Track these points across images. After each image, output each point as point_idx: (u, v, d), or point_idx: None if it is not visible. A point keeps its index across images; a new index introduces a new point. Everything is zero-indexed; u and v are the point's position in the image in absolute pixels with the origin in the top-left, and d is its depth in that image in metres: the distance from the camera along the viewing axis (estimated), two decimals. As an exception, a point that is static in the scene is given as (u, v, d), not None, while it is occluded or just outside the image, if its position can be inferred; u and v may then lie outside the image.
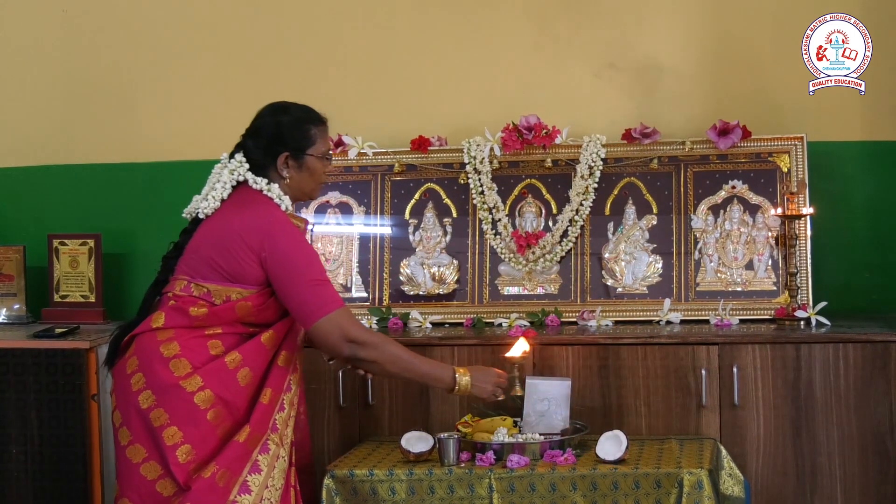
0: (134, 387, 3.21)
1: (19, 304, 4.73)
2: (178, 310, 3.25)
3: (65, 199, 4.92)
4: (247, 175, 3.38)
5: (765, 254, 4.25)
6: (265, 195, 3.36)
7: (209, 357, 3.22)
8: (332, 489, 3.54)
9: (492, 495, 3.47)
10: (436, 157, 4.52)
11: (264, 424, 3.24)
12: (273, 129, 3.41)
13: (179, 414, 3.15)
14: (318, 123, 3.48)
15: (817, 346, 3.82)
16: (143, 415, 3.17)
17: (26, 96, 4.96)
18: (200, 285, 3.27)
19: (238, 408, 3.22)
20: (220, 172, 3.41)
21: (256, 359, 3.27)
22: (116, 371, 3.30)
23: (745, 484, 3.75)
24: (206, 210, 3.36)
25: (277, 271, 3.26)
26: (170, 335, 3.23)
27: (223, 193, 3.36)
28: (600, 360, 3.92)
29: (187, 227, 3.40)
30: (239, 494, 3.15)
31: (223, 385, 3.19)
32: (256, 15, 4.81)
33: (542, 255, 4.35)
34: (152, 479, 3.15)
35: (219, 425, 3.18)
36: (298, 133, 3.42)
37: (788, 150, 4.29)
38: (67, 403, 4.17)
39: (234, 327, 3.28)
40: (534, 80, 4.61)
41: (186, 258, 3.33)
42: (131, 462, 3.17)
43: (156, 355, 3.21)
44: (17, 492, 4.21)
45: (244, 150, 3.43)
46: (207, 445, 3.16)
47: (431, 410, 4.00)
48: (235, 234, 3.27)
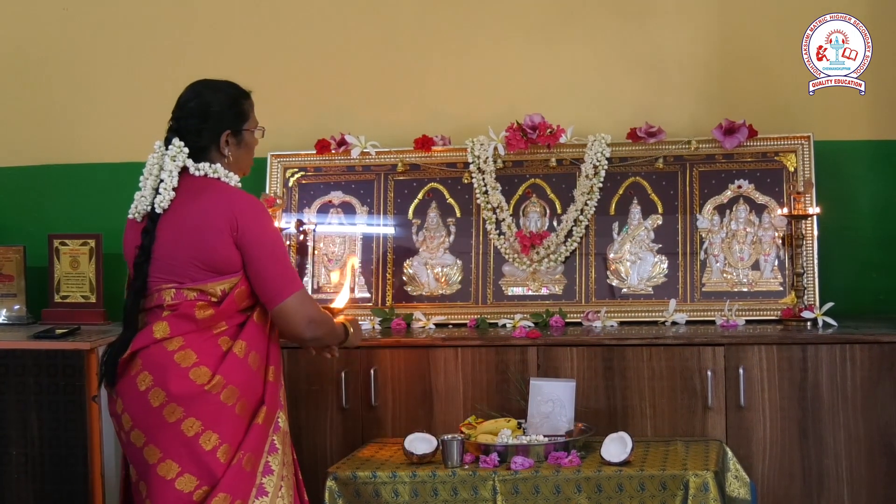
0: (154, 402, 3.16)
1: (19, 304, 4.73)
2: (182, 316, 3.21)
3: (65, 199, 4.91)
4: (187, 162, 3.29)
5: (771, 254, 4.25)
6: (212, 178, 3.30)
7: (222, 354, 3.22)
8: (334, 491, 3.54)
9: (495, 497, 3.47)
10: (439, 157, 4.52)
11: (275, 401, 3.29)
12: (209, 108, 3.33)
13: (211, 417, 3.15)
14: (247, 97, 3.44)
15: (824, 347, 3.82)
16: (172, 428, 3.14)
17: (26, 95, 4.95)
18: (192, 288, 3.22)
19: (256, 392, 3.24)
20: (162, 161, 3.30)
21: (257, 340, 3.27)
22: (124, 389, 3.23)
23: (751, 486, 3.74)
24: (162, 204, 3.26)
25: (249, 249, 3.23)
26: (180, 343, 3.19)
27: (173, 182, 3.27)
28: (605, 362, 3.92)
29: (146, 226, 3.28)
30: (264, 476, 3.20)
31: (241, 376, 3.20)
32: (258, 14, 4.81)
33: (547, 256, 4.34)
34: (189, 491, 3.13)
35: (245, 415, 3.21)
36: (234, 110, 3.37)
37: (795, 150, 4.29)
38: (68, 405, 4.16)
39: (234, 318, 3.27)
40: (538, 79, 4.61)
41: (161, 263, 3.25)
42: (164, 479, 3.14)
43: (172, 367, 3.17)
44: (18, 493, 4.20)
45: (179, 134, 3.33)
46: (238, 436, 3.19)
47: (435, 412, 4.00)
48: (205, 224, 3.22)
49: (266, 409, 3.23)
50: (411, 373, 4.02)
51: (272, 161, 4.59)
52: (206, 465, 3.13)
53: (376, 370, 4.02)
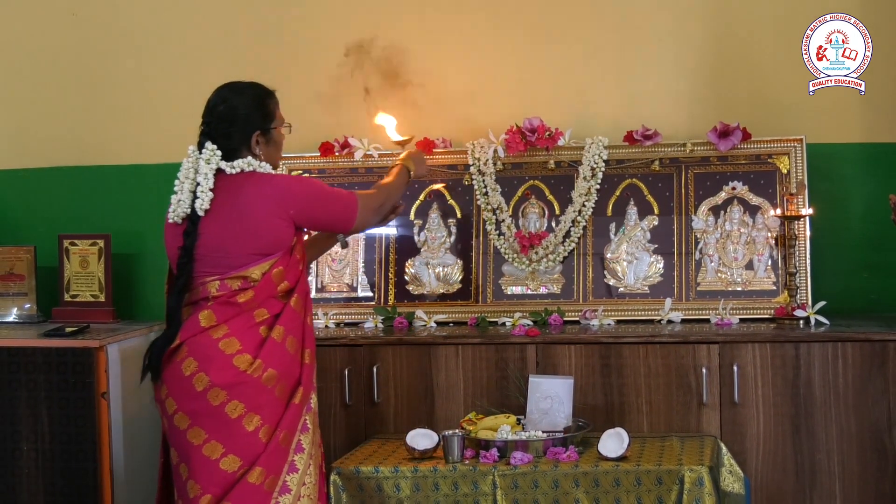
0: (198, 386, 3.30)
1: (30, 303, 4.76)
2: (225, 303, 3.35)
3: (75, 200, 4.94)
4: (220, 163, 3.40)
5: (764, 254, 4.28)
6: (248, 171, 3.42)
7: (262, 341, 3.35)
8: (338, 485, 3.57)
9: (495, 492, 3.50)
10: (440, 159, 4.55)
11: (310, 383, 3.43)
12: (236, 111, 3.46)
13: (252, 400, 3.29)
14: (272, 96, 3.57)
15: (816, 345, 3.85)
16: (216, 411, 3.29)
17: (37, 98, 4.98)
18: (235, 277, 3.35)
19: (293, 374, 3.39)
20: (197, 165, 3.41)
21: (294, 324, 3.41)
22: (171, 376, 3.35)
23: (745, 481, 3.77)
24: (204, 206, 3.37)
25: (308, 214, 3.46)
26: (225, 331, 3.33)
27: (209, 184, 3.38)
28: (602, 359, 3.95)
29: (187, 228, 3.39)
30: (295, 454, 3.34)
31: (280, 360, 3.35)
32: (262, 17, 4.83)
33: (545, 256, 4.38)
34: (233, 471, 3.27)
35: (284, 396, 3.35)
36: (261, 110, 3.50)
37: (788, 152, 4.31)
38: (78, 401, 4.21)
39: (274, 305, 3.39)
40: (537, 83, 4.63)
41: (209, 259, 3.37)
42: (209, 459, 3.28)
43: (217, 354, 3.31)
44: (29, 488, 4.24)
45: (211, 139, 3.44)
46: (276, 416, 3.33)
47: (436, 408, 4.03)
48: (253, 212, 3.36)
49: (302, 389, 3.38)
50: (413, 370, 4.05)
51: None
52: (249, 445, 3.28)
53: (379, 367, 4.05)
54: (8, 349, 4.26)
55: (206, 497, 3.28)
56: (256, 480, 3.26)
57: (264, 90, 3.55)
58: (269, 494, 3.29)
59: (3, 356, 4.26)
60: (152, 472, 4.55)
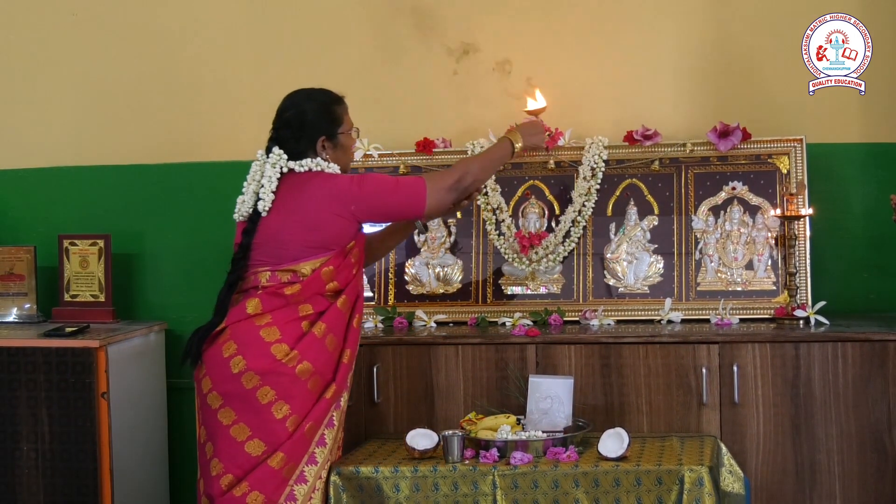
0: (234, 369, 3.43)
1: (30, 303, 4.76)
2: (273, 294, 3.48)
3: (75, 200, 4.94)
4: (289, 164, 3.56)
5: (764, 254, 4.28)
6: (316, 170, 3.57)
7: (302, 334, 3.47)
8: (338, 486, 3.57)
9: (495, 492, 3.50)
10: (440, 159, 4.55)
11: (344, 382, 3.55)
12: (304, 117, 3.61)
13: (284, 389, 3.41)
14: (341, 102, 3.70)
15: (816, 345, 3.85)
16: (247, 395, 3.41)
17: (37, 98, 4.98)
18: (285, 271, 3.49)
19: (328, 371, 3.51)
20: (263, 168, 3.59)
21: (337, 324, 3.54)
22: (211, 357, 3.48)
23: (745, 481, 3.77)
24: (266, 206, 3.54)
25: (373, 210, 3.59)
26: (268, 320, 3.46)
27: (272, 186, 3.55)
28: (602, 359, 3.96)
29: (247, 227, 3.57)
30: (317, 447, 3.47)
31: (317, 355, 3.47)
32: (262, 18, 4.83)
33: (545, 256, 4.39)
34: (257, 454, 3.39)
35: (315, 391, 3.47)
36: (328, 116, 3.64)
37: (788, 152, 4.32)
38: (77, 402, 4.22)
39: (320, 302, 3.52)
40: (537, 82, 4.59)
41: (265, 249, 3.52)
42: (235, 440, 3.41)
43: (257, 340, 3.43)
44: (28, 489, 4.25)
45: (279, 143, 3.59)
46: (306, 409, 3.45)
47: (436, 408, 4.03)
48: (315, 210, 3.51)
49: (335, 387, 3.49)
50: (413, 370, 4.05)
51: (277, 163, 4.63)
52: (275, 432, 3.39)
53: (378, 367, 4.05)
54: (8, 349, 4.26)
55: (228, 477, 3.40)
56: (277, 465, 3.39)
57: (332, 96, 3.68)
58: (286, 481, 3.41)
59: (2, 356, 4.26)
60: (152, 471, 4.58)
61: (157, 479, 4.65)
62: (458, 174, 3.70)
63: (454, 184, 3.68)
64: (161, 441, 4.66)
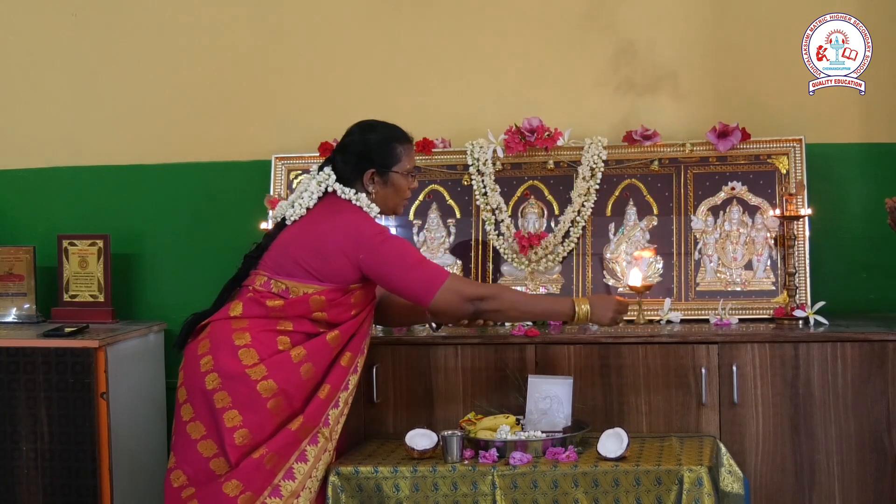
0: (202, 368, 3.40)
1: (29, 303, 4.77)
2: (256, 301, 3.45)
3: (74, 200, 4.95)
4: (335, 186, 3.56)
5: (764, 254, 4.28)
6: (355, 204, 3.55)
7: (276, 350, 3.42)
8: (337, 486, 3.57)
9: (494, 492, 3.50)
10: (440, 159, 4.56)
11: (318, 418, 3.44)
12: (361, 146, 3.60)
13: (242, 399, 3.35)
14: (405, 142, 3.65)
15: (815, 346, 3.85)
16: (207, 395, 3.37)
17: (37, 99, 4.99)
18: (280, 282, 3.46)
19: (297, 399, 3.42)
20: (308, 183, 3.60)
21: (320, 355, 3.46)
22: (189, 350, 3.49)
23: (744, 481, 3.77)
24: (292, 216, 3.56)
25: (379, 268, 3.47)
26: (244, 325, 3.43)
27: (309, 202, 3.56)
28: (601, 359, 3.95)
29: (270, 231, 3.63)
30: (283, 479, 3.36)
31: (286, 377, 3.39)
32: (260, 20, 4.84)
33: (545, 256, 4.39)
34: (208, 456, 3.34)
35: (277, 414, 3.37)
36: (385, 151, 3.60)
37: (787, 152, 4.32)
38: (77, 402, 4.22)
39: (304, 325, 3.47)
40: (536, 83, 4.64)
41: (272, 255, 3.52)
42: (190, 437, 3.37)
43: (227, 342, 3.40)
44: (28, 489, 4.25)
45: (332, 165, 3.61)
46: (264, 431, 3.36)
47: (435, 408, 4.03)
48: (329, 239, 3.47)
49: (303, 419, 3.39)
50: (412, 370, 4.05)
51: (276, 163, 4.63)
52: (223, 439, 3.33)
53: (378, 368, 4.04)
54: (7, 349, 4.27)
55: (178, 472, 3.39)
56: (230, 492, 3.32)
57: (399, 133, 3.65)
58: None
59: (2, 356, 4.27)
60: (152, 471, 4.58)
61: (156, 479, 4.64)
62: (485, 292, 3.58)
63: (475, 297, 3.53)
64: (160, 441, 4.66)
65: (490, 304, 3.54)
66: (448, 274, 3.53)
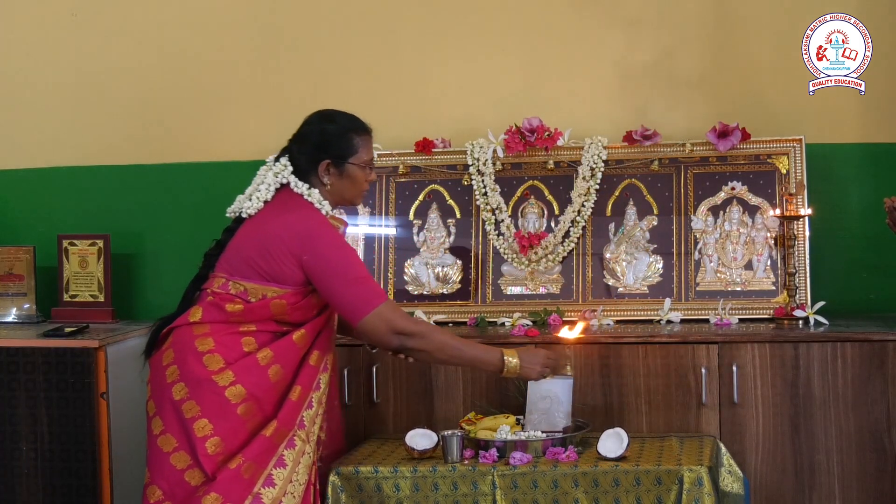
0: (168, 378, 3.31)
1: (29, 303, 4.77)
2: (215, 305, 3.36)
3: (74, 200, 4.95)
4: (290, 178, 3.47)
5: (764, 254, 4.29)
6: (306, 199, 3.45)
7: (242, 353, 3.31)
8: (337, 486, 3.58)
9: (495, 492, 3.50)
10: (440, 159, 4.56)
11: (292, 421, 3.33)
12: (318, 136, 3.50)
13: (210, 407, 3.24)
14: (363, 133, 3.54)
15: (815, 345, 3.85)
16: (175, 406, 3.27)
17: (36, 98, 4.99)
18: (238, 283, 3.36)
19: (268, 403, 3.30)
20: (265, 175, 3.50)
21: (287, 356, 3.35)
22: (153, 362, 3.40)
23: (744, 481, 3.78)
24: (249, 210, 3.46)
25: (320, 274, 3.35)
26: (205, 330, 3.33)
27: (267, 195, 3.46)
28: (602, 359, 3.96)
29: (230, 225, 3.50)
30: (263, 487, 3.25)
31: (254, 381, 3.28)
32: (262, 20, 4.84)
33: (545, 256, 4.39)
34: (181, 468, 3.24)
35: (248, 420, 3.27)
36: (342, 141, 3.50)
37: (787, 152, 4.32)
38: (77, 402, 4.21)
39: (268, 325, 3.37)
40: (536, 83, 4.64)
41: (227, 256, 3.43)
42: (162, 451, 3.26)
43: (190, 349, 3.31)
44: (28, 489, 4.25)
45: (289, 155, 3.52)
46: (237, 439, 3.25)
47: (435, 408, 4.04)
48: (276, 236, 3.37)
49: (277, 424, 3.28)
50: (412, 370, 4.04)
51: (276, 163, 4.64)
52: (195, 450, 3.22)
53: (378, 367, 4.05)
54: (7, 349, 4.26)
55: (153, 488, 3.28)
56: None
57: (357, 124, 3.54)
58: None
59: (2, 356, 4.26)
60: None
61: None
62: (415, 329, 3.40)
63: (403, 332, 3.37)
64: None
65: (417, 342, 3.39)
66: (386, 299, 3.39)
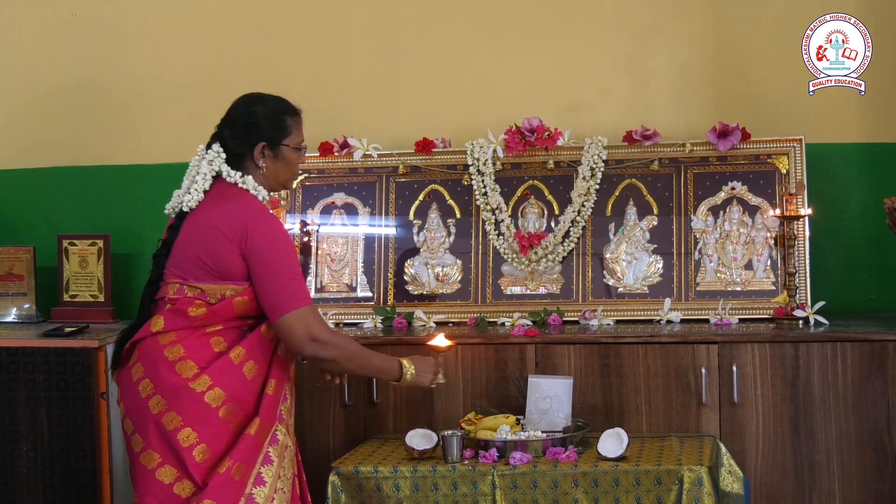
0: (143, 393, 3.21)
1: (29, 303, 4.77)
2: (177, 312, 3.25)
3: (74, 200, 4.96)
4: (222, 167, 3.35)
5: (764, 254, 4.29)
6: (241, 188, 3.34)
7: (214, 355, 3.23)
8: (337, 486, 3.58)
9: (494, 492, 3.51)
10: (440, 159, 4.57)
11: (272, 415, 3.27)
12: (249, 119, 3.39)
13: (191, 415, 3.16)
14: (293, 114, 3.45)
15: (815, 345, 3.85)
16: (155, 420, 3.17)
17: (37, 99, 4.99)
18: (194, 286, 3.26)
19: (247, 401, 3.24)
20: (199, 164, 3.38)
21: (259, 351, 3.28)
22: (122, 378, 3.30)
23: (744, 481, 3.78)
24: (189, 204, 3.32)
25: (255, 263, 3.25)
26: (172, 338, 3.23)
27: (205, 185, 3.34)
28: (602, 359, 3.96)
29: (173, 223, 3.36)
30: (254, 487, 3.19)
31: (231, 381, 3.21)
32: (262, 19, 4.85)
33: (545, 256, 4.39)
34: (169, 482, 3.15)
35: (231, 421, 3.20)
36: (275, 123, 3.40)
37: (787, 152, 4.33)
38: (77, 401, 4.21)
39: (234, 322, 3.29)
40: (536, 84, 4.64)
41: (175, 258, 3.32)
42: (146, 468, 3.17)
43: (161, 360, 3.21)
44: (27, 488, 4.25)
45: (220, 141, 3.40)
46: (222, 441, 3.18)
47: (435, 408, 4.04)
48: (216, 228, 3.27)
49: (259, 421, 3.22)
50: (412, 370, 4.07)
51: (276, 163, 4.64)
52: (183, 460, 3.14)
53: (378, 367, 4.07)
54: (7, 349, 4.26)
55: None
56: None
57: (287, 105, 3.45)
58: None
59: (2, 356, 4.26)
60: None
61: (156, 479, 4.65)
62: (331, 338, 3.30)
63: (318, 339, 3.26)
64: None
65: (330, 351, 3.29)
66: (311, 304, 3.28)
